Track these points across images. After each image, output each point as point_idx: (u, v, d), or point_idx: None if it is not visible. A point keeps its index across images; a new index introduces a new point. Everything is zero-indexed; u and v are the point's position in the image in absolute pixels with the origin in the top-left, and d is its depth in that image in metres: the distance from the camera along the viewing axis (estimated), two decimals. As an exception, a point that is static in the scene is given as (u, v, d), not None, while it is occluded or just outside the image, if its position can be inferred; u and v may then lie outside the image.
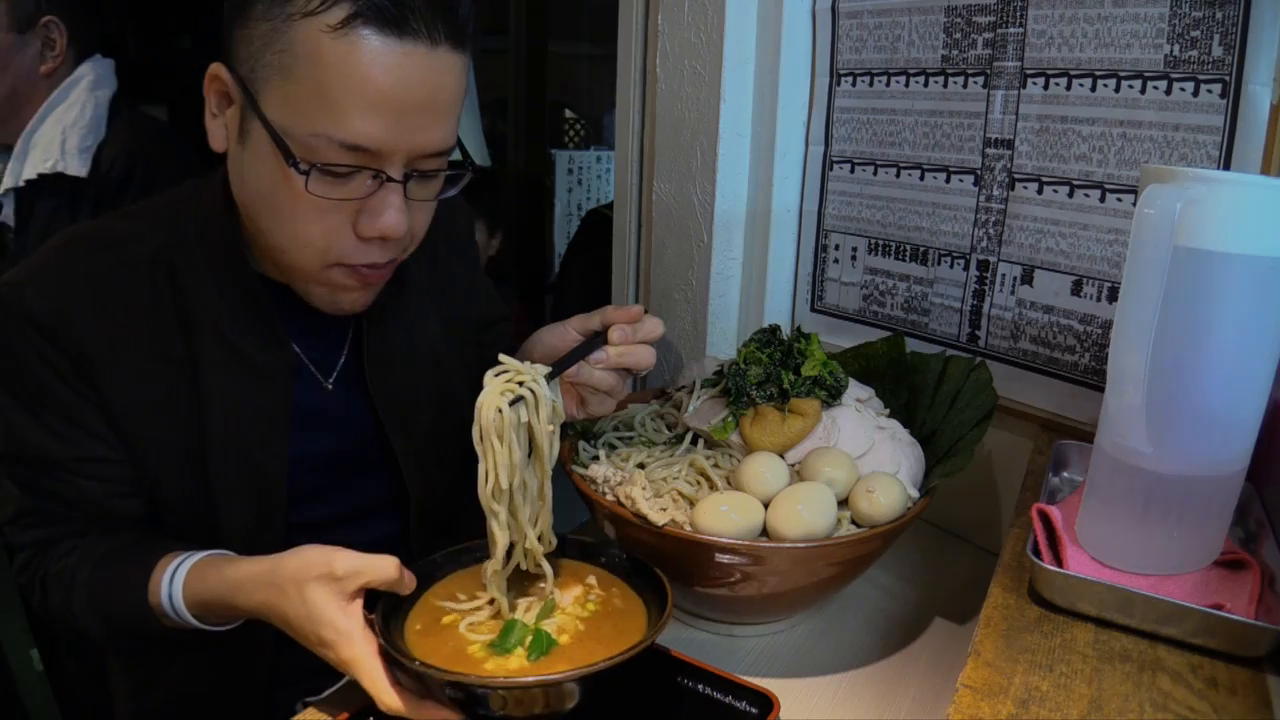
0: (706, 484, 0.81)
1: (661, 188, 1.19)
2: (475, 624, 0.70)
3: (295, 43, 0.65)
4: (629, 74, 1.23)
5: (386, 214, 0.70)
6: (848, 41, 1.08)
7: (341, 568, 0.65)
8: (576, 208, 3.51)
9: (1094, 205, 0.88)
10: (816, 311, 1.18)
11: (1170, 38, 0.79)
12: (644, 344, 0.81)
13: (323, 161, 0.67)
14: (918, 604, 0.92)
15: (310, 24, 0.64)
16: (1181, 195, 0.54)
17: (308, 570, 0.65)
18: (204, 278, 0.78)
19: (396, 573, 0.66)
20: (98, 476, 0.77)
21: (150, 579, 0.73)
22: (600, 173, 3.52)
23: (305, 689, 0.88)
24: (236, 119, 0.71)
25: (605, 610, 0.72)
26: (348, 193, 0.69)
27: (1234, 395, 0.59)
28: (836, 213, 1.14)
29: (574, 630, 0.69)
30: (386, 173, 0.69)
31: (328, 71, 0.64)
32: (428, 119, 0.69)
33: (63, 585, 0.77)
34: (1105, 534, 0.64)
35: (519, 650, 0.66)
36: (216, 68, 0.71)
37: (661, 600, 0.69)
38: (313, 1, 0.64)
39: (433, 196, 0.76)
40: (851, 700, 0.77)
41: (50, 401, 0.75)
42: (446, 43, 0.68)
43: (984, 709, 0.52)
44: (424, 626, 0.69)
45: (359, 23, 0.64)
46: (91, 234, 0.79)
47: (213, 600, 0.72)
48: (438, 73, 0.68)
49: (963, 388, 0.89)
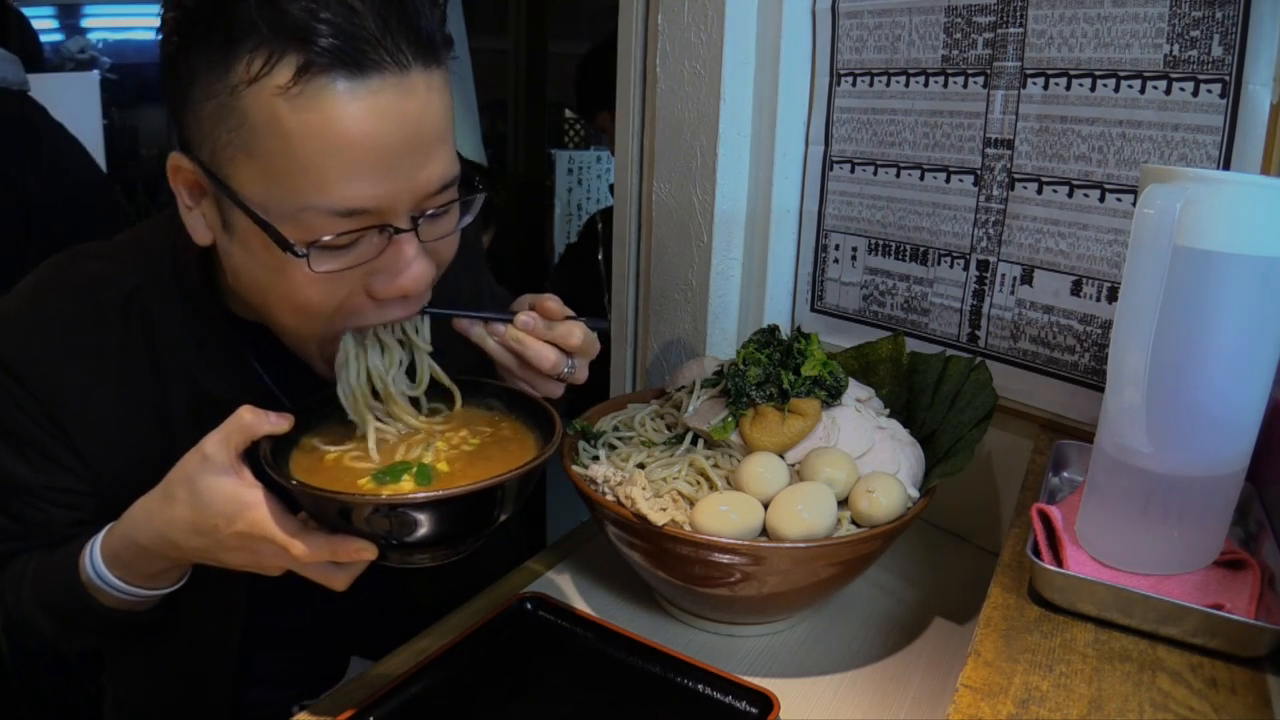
0: (706, 484, 0.81)
1: (661, 188, 1.19)
2: (358, 457, 0.69)
3: (249, 115, 0.58)
4: (629, 74, 1.23)
5: (405, 271, 0.64)
6: (848, 41, 1.08)
7: (209, 445, 0.62)
8: (576, 208, 3.51)
9: (1094, 205, 0.88)
10: (816, 311, 1.18)
11: (1170, 37, 0.79)
12: (550, 343, 0.76)
13: (320, 236, 0.60)
14: (918, 604, 0.92)
15: (258, 91, 0.57)
16: (1181, 195, 0.54)
17: (183, 466, 0.64)
18: (178, 320, 0.76)
19: (251, 414, 0.63)
20: (66, 505, 0.77)
21: (79, 557, 0.72)
22: (600, 173, 3.51)
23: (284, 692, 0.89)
24: (214, 209, 0.65)
25: (492, 440, 0.72)
26: (356, 258, 0.63)
27: (1234, 395, 0.59)
28: (836, 213, 1.14)
29: (462, 460, 0.69)
30: (393, 225, 0.62)
31: (294, 139, 0.57)
32: (420, 156, 0.62)
33: (14, 585, 0.77)
34: (1105, 534, 0.64)
35: (406, 478, 0.66)
36: (176, 158, 0.64)
37: (549, 428, 0.71)
38: (254, 65, 0.56)
39: (450, 230, 0.69)
40: (851, 700, 0.77)
41: (24, 436, 0.74)
42: (416, 64, 0.60)
43: (984, 709, 0.52)
44: (308, 466, 0.68)
45: (313, 73, 0.56)
46: (63, 276, 0.77)
47: (122, 548, 0.70)
48: (416, 101, 0.60)
49: (963, 388, 0.89)
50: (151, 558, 0.69)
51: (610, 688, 0.76)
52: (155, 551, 0.68)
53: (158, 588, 0.73)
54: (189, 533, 0.64)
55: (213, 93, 0.59)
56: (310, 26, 0.56)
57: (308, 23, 0.56)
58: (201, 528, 0.63)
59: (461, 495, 0.61)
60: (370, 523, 0.61)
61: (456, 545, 0.67)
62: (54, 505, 0.76)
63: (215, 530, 0.62)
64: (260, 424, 0.63)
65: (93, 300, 0.75)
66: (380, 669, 0.79)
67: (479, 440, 0.72)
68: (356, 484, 0.66)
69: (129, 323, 0.75)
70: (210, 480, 0.62)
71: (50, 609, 0.75)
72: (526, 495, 0.68)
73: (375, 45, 0.57)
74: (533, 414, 0.75)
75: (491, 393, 0.78)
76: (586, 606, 0.84)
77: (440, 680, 0.74)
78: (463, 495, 0.61)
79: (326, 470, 0.68)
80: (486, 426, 0.75)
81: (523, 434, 0.74)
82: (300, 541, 0.61)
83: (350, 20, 0.57)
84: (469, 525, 0.66)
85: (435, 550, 0.67)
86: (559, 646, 0.80)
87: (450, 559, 0.68)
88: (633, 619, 0.87)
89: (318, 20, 0.56)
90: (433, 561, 0.67)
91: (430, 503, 0.61)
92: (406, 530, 0.62)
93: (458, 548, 0.67)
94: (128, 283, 0.76)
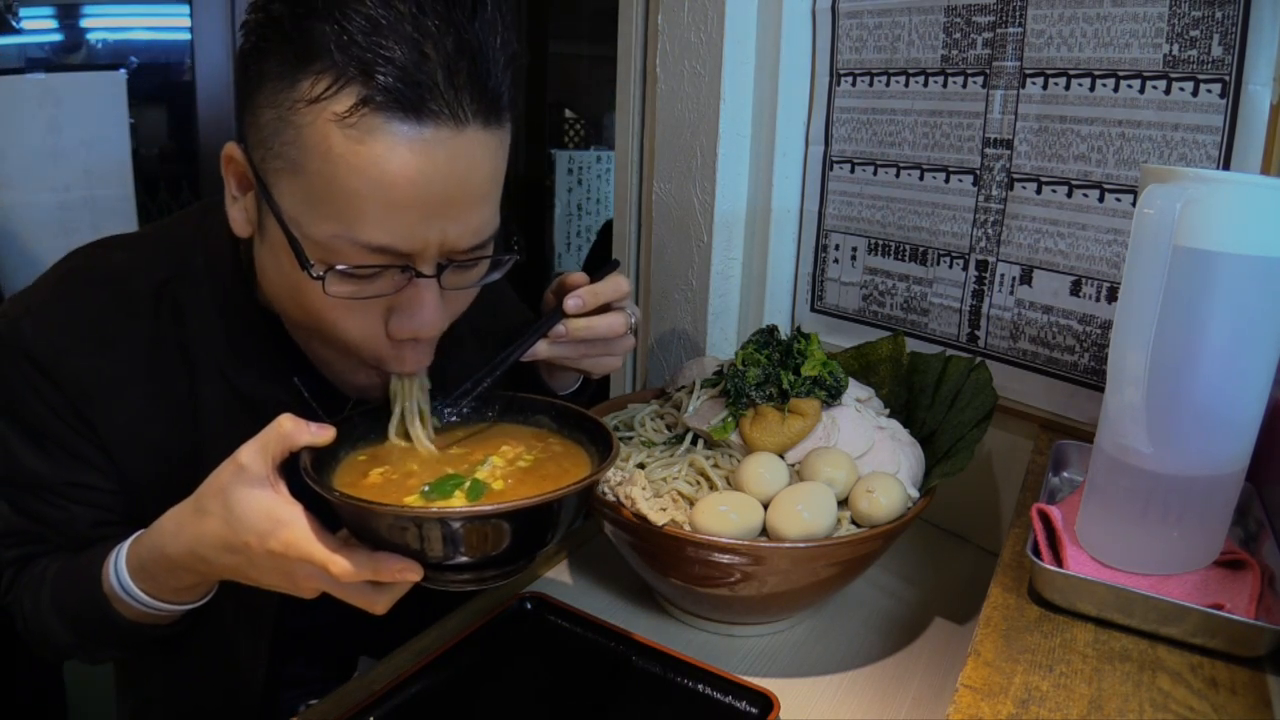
0: (706, 484, 0.81)
1: (661, 188, 1.19)
2: (406, 475, 0.66)
3: (302, 134, 0.58)
4: (629, 74, 1.23)
5: (419, 314, 0.64)
6: (848, 41, 1.08)
7: (245, 455, 0.59)
8: (576, 208, 3.51)
9: (1093, 205, 0.88)
10: (816, 311, 1.18)
11: (1170, 37, 0.79)
12: (609, 310, 0.75)
13: (343, 264, 0.60)
14: (918, 604, 0.92)
15: (317, 112, 0.57)
16: (1181, 195, 0.54)
17: (217, 477, 0.60)
18: (210, 313, 0.74)
19: (291, 423, 0.60)
20: (89, 503, 0.74)
21: (103, 566, 0.70)
22: (600, 173, 3.51)
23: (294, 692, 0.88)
24: (254, 207, 0.66)
25: (545, 457, 0.69)
26: (375, 290, 0.63)
27: (1234, 395, 0.59)
28: (836, 213, 1.14)
29: (515, 477, 0.65)
30: (415, 269, 0.62)
31: (339, 167, 0.58)
32: (458, 211, 0.61)
33: (33, 591, 0.74)
34: (1105, 534, 0.64)
35: (458, 494, 0.62)
36: (231, 148, 0.65)
37: (605, 445, 0.67)
38: (318, 87, 0.57)
39: (474, 283, 0.68)
40: (851, 700, 0.77)
41: (47, 431, 0.72)
42: (475, 121, 0.59)
43: (984, 709, 0.52)
44: (350, 482, 0.65)
45: (370, 109, 0.56)
46: (92, 266, 0.76)
47: (149, 560, 0.67)
48: (467, 158, 0.60)
49: (963, 388, 0.89)
50: (179, 572, 0.66)
51: (610, 688, 0.76)
52: (184, 566, 0.65)
53: (183, 603, 0.70)
54: (220, 549, 0.61)
55: (275, 102, 0.59)
56: (377, 62, 0.56)
57: (375, 58, 0.56)
58: (234, 544, 0.60)
59: (522, 509, 0.56)
60: (420, 539, 0.56)
61: (506, 566, 0.62)
62: (76, 503, 0.74)
63: (248, 548, 0.59)
64: (300, 434, 0.60)
65: (122, 290, 0.73)
66: (380, 669, 0.79)
67: (533, 456, 0.69)
68: (403, 501, 0.62)
69: (160, 314, 0.74)
70: (244, 493, 0.59)
71: (69, 619, 0.73)
72: (583, 512, 0.65)
73: (436, 95, 0.57)
74: (582, 428, 0.72)
75: (539, 409, 0.75)
76: (586, 606, 0.84)
77: (440, 680, 0.74)
78: (523, 509, 0.56)
79: (370, 488, 0.64)
80: (537, 442, 0.72)
81: (574, 450, 0.71)
82: (341, 558, 0.57)
83: (418, 65, 0.57)
84: (525, 544, 0.60)
85: (484, 572, 0.61)
86: (559, 646, 0.80)
87: (498, 582, 0.63)
88: (633, 619, 0.87)
89: (386, 58, 0.56)
90: (477, 585, 0.62)
91: (489, 516, 0.56)
92: (459, 549, 0.57)
93: (507, 569, 0.62)
94: (158, 274, 0.74)
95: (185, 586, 0.68)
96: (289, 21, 0.58)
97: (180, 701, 0.86)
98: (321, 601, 0.74)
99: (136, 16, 2.30)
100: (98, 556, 0.71)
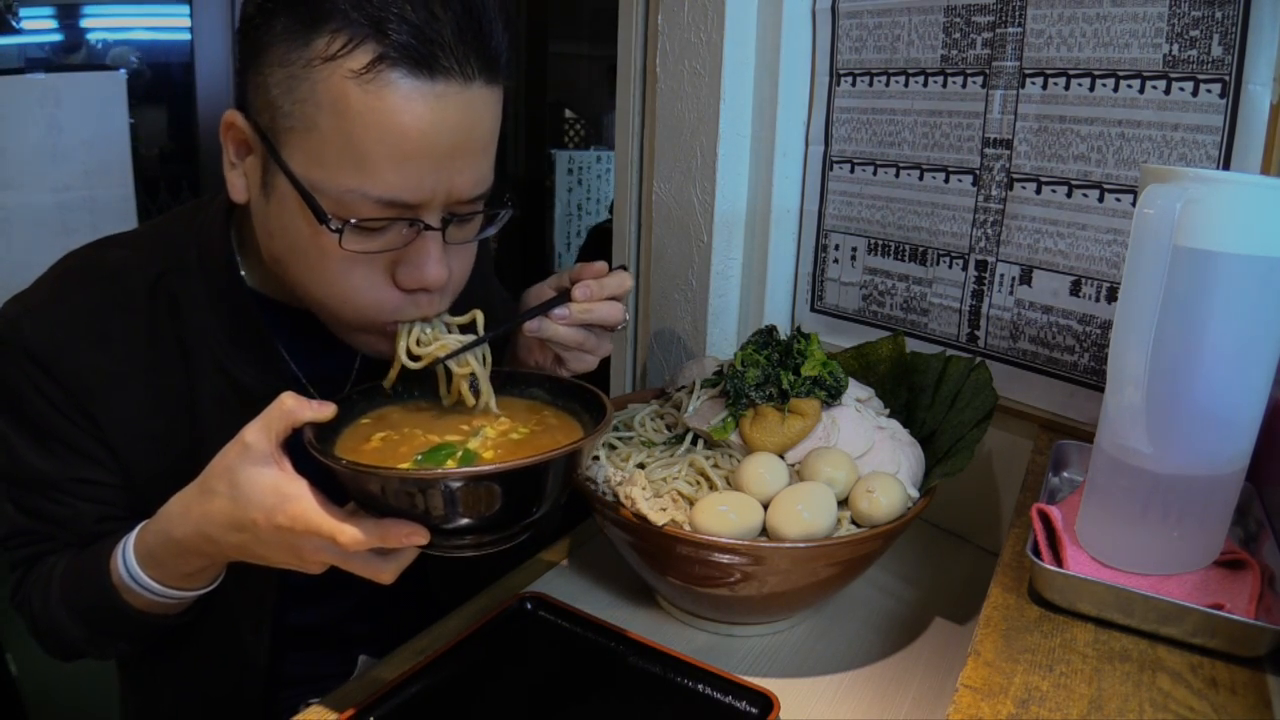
0: (706, 484, 0.81)
1: (661, 188, 1.20)
2: (402, 438, 0.69)
3: (317, 91, 0.61)
4: (629, 74, 1.23)
5: (427, 264, 0.67)
6: (847, 41, 1.08)
7: (249, 434, 0.61)
8: (576, 208, 3.51)
9: (1093, 205, 0.88)
10: (816, 311, 1.18)
11: (1169, 37, 0.79)
12: (611, 300, 0.78)
13: (356, 217, 0.63)
14: (918, 604, 0.92)
15: (332, 70, 0.60)
16: (1181, 195, 0.54)
17: (223, 457, 0.62)
18: (205, 305, 0.76)
19: (293, 400, 0.61)
20: (93, 498, 0.75)
21: (111, 558, 0.71)
22: (600, 173, 3.51)
23: (295, 691, 0.88)
24: (258, 170, 0.68)
25: (540, 429, 0.72)
26: (384, 244, 0.66)
27: (1234, 395, 0.59)
28: (836, 213, 1.14)
29: (508, 447, 0.68)
30: (423, 221, 0.66)
31: (355, 122, 0.60)
32: (463, 162, 0.65)
33: (41, 589, 0.75)
34: (1105, 534, 0.64)
35: (450, 463, 0.65)
36: (232, 115, 0.67)
37: (595, 411, 0.71)
38: (334, 45, 0.59)
39: (472, 238, 0.73)
40: (851, 700, 0.77)
41: (50, 428, 0.73)
42: (480, 78, 0.64)
43: (984, 709, 0.52)
44: (351, 448, 0.67)
45: (386, 65, 0.59)
46: (88, 264, 0.77)
47: (157, 546, 0.68)
48: (472, 112, 0.64)
49: (962, 388, 0.89)
50: (188, 555, 0.67)
51: (610, 688, 0.76)
52: (192, 548, 0.66)
53: (192, 588, 0.71)
54: (228, 528, 0.62)
55: (287, 62, 0.61)
56: (389, 20, 0.59)
57: (388, 16, 0.59)
58: (241, 522, 0.61)
59: (521, 469, 0.59)
60: (425, 501, 0.59)
61: (508, 529, 0.65)
62: (81, 500, 0.75)
63: (255, 524, 0.60)
64: (303, 410, 0.62)
65: (119, 287, 0.75)
66: (381, 669, 0.79)
67: (527, 429, 0.72)
68: (400, 467, 0.64)
69: (156, 309, 0.75)
70: (250, 471, 0.60)
71: (79, 612, 0.73)
72: (574, 478, 0.68)
73: (448, 52, 0.61)
74: (577, 399, 0.75)
75: (533, 382, 0.78)
76: (586, 606, 0.84)
77: (441, 680, 0.74)
78: (522, 469, 0.60)
79: (370, 454, 0.67)
80: (531, 415, 0.75)
81: (568, 421, 0.74)
82: (349, 525, 0.58)
83: (430, 25, 0.60)
84: (524, 506, 0.64)
85: (484, 536, 0.64)
86: (559, 646, 0.80)
87: (500, 547, 0.66)
88: (633, 619, 0.87)
89: (399, 16, 0.59)
90: (478, 551, 0.65)
91: (491, 476, 0.59)
92: (462, 509, 0.60)
93: (510, 531, 0.65)
94: (153, 269, 0.76)
95: (193, 571, 0.70)
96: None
97: (185, 697, 0.87)
98: (322, 596, 0.75)
99: (136, 16, 2.30)
100: (105, 549, 0.72)
